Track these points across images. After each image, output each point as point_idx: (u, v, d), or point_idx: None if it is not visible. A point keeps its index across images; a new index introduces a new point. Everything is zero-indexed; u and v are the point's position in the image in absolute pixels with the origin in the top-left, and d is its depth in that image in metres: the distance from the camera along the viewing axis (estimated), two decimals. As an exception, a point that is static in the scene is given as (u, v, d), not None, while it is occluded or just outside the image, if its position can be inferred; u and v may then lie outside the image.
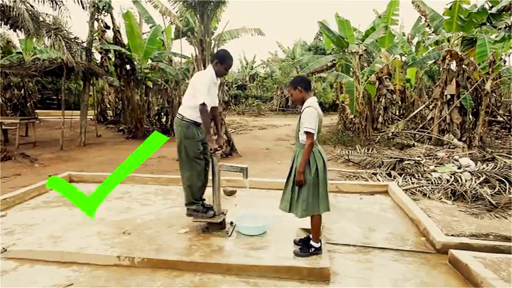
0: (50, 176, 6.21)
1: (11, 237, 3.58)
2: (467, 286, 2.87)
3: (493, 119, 13.55)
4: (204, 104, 3.31)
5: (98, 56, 14.11)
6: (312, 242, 3.10)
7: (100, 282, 2.82)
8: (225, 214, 3.60)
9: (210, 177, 3.63)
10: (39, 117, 16.18)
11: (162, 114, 14.00)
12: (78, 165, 7.49)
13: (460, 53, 9.74)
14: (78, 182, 5.78)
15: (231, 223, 3.66)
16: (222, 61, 3.49)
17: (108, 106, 19.02)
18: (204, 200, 3.64)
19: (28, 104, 15.97)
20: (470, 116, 9.94)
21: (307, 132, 2.97)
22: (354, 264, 3.18)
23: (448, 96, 9.77)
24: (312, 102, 3.09)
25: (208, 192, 3.66)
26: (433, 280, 2.96)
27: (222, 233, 3.47)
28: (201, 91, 3.34)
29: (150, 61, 13.31)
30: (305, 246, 3.11)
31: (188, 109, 3.44)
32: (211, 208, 3.53)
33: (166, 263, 3.02)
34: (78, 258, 3.11)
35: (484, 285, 2.74)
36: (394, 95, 13.57)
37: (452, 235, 3.73)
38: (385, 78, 12.85)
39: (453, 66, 10.11)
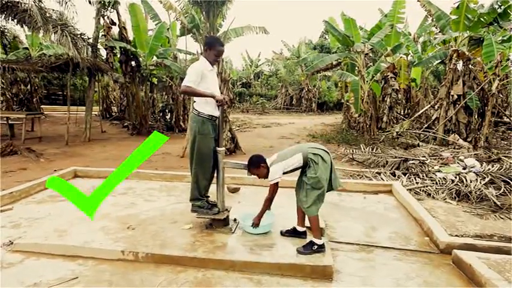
0: (55, 170, 6.27)
1: (17, 231, 3.62)
2: (470, 286, 2.87)
3: (499, 119, 13.44)
4: (186, 86, 3.30)
5: (103, 52, 14.18)
6: (314, 239, 3.11)
7: (104, 276, 2.85)
8: (228, 211, 3.61)
9: (214, 174, 3.64)
10: (44, 112, 16.28)
11: (167, 111, 14.03)
12: (83, 161, 7.54)
13: (467, 53, 9.67)
14: (83, 177, 5.83)
15: (235, 220, 3.67)
16: (211, 46, 3.47)
17: (113, 102, 19.09)
18: (209, 196, 3.66)
19: (34, 100, 16.08)
20: (476, 117, 9.87)
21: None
22: (356, 263, 3.18)
23: (455, 96, 9.71)
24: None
25: (212, 189, 3.67)
26: (437, 280, 2.96)
27: (225, 230, 3.49)
28: (186, 77, 3.34)
29: (155, 58, 13.35)
30: (308, 244, 3.12)
31: (202, 104, 3.44)
32: (215, 205, 3.54)
33: (170, 259, 3.04)
34: (83, 252, 3.14)
35: (488, 286, 2.73)
36: (399, 95, 13.50)
37: (456, 235, 3.72)
38: (391, 77, 12.78)
39: (459, 66, 10.04)
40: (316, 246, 3.07)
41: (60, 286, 2.70)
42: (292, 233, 3.42)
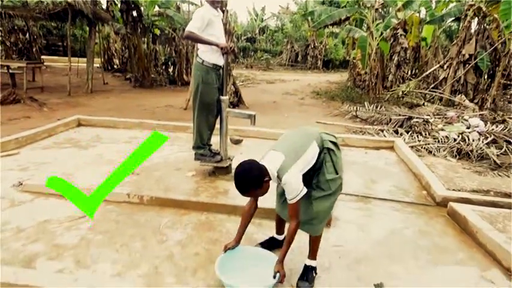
0: (59, 119, 6.28)
1: (25, 173, 3.71)
2: (463, 236, 2.98)
3: (509, 82, 13.12)
4: (190, 32, 3.24)
5: (103, 2, 13.60)
6: (312, 263, 2.29)
7: (111, 216, 2.98)
8: (231, 160, 3.67)
9: (217, 125, 3.65)
10: (45, 63, 16.00)
11: (169, 63, 13.74)
12: (86, 111, 7.52)
13: (483, 8, 9.22)
14: (86, 125, 5.87)
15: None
16: None
17: (115, 54, 18.66)
18: (211, 145, 3.70)
19: (33, 49, 15.74)
20: (485, 78, 9.63)
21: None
22: (355, 212, 3.29)
23: (466, 56, 9.41)
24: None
25: (215, 138, 3.71)
26: (431, 229, 3.07)
27: (228, 177, 3.57)
28: (190, 22, 3.28)
29: (157, 8, 12.83)
30: (309, 273, 2.26)
31: (206, 52, 3.37)
32: (218, 153, 3.60)
33: (173, 202, 3.14)
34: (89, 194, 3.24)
35: (479, 236, 2.84)
36: (408, 53, 13.10)
37: (453, 190, 3.79)
38: (401, 35, 12.31)
39: (474, 24, 9.63)
40: (314, 272, 2.28)
41: (70, 223, 2.82)
42: (272, 245, 2.52)
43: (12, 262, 2.31)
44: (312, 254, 2.29)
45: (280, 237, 2.60)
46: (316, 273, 2.29)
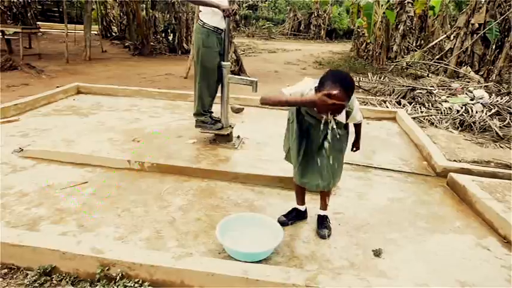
0: (57, 86, 6.19)
1: (26, 139, 3.70)
2: (461, 205, 3.01)
3: (516, 54, 12.80)
4: None
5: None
6: (326, 212, 2.52)
7: (113, 182, 2.99)
8: (232, 127, 3.64)
9: (218, 94, 3.60)
10: (41, 29, 15.57)
11: (169, 31, 13.37)
12: (86, 79, 7.40)
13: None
14: (86, 93, 5.79)
15: (238, 137, 3.73)
16: None
17: (113, 21, 18.12)
18: (212, 112, 3.66)
19: (28, 14, 15.27)
20: (493, 49, 9.37)
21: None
22: (355, 181, 3.30)
23: (475, 25, 9.11)
24: None
25: (216, 107, 3.66)
26: (429, 198, 3.10)
27: (229, 145, 3.56)
28: None
29: (155, -29, 12.31)
30: (327, 222, 2.50)
31: (208, 14, 3.27)
32: (219, 121, 3.57)
33: (175, 169, 3.15)
34: (91, 160, 3.25)
35: (478, 205, 2.87)
36: (414, 21, 12.69)
37: (454, 160, 3.79)
38: (408, 3, 11.89)
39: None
40: (328, 218, 2.52)
41: (72, 189, 2.84)
42: (296, 217, 2.58)
43: (16, 225, 2.35)
44: (325, 205, 2.50)
45: (302, 208, 2.59)
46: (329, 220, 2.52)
